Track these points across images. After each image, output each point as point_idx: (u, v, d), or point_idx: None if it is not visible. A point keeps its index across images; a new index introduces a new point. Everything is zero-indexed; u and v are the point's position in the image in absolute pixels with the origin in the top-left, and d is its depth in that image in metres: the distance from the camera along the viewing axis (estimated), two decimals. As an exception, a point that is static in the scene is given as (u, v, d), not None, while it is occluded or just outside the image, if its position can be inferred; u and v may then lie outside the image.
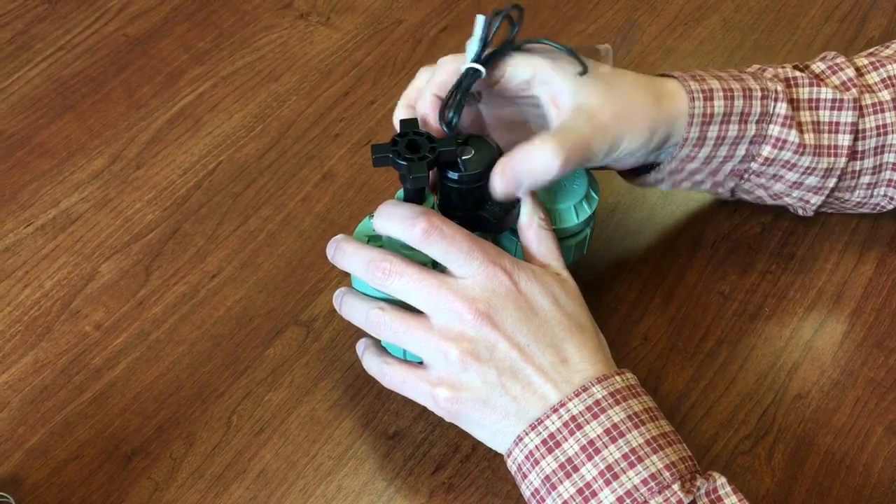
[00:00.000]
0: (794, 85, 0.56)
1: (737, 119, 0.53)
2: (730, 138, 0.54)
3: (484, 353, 0.45)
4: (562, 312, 0.47)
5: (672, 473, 0.43)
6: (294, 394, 0.55)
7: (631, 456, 0.43)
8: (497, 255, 0.47)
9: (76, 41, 0.75)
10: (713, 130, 0.53)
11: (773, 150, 0.55)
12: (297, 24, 0.77)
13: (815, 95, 0.55)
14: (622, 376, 0.46)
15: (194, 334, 0.58)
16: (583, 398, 0.45)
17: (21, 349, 0.57)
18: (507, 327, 0.45)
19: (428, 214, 0.46)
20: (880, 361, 0.57)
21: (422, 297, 0.46)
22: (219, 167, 0.67)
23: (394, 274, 0.46)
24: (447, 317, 0.46)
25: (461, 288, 0.46)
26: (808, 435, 0.54)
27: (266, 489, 0.51)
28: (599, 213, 0.65)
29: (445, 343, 0.46)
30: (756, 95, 0.53)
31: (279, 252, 0.62)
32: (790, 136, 0.54)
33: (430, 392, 0.47)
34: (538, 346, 0.46)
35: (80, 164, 0.66)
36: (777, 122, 0.54)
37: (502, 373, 0.45)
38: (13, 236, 0.62)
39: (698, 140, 0.53)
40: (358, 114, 0.70)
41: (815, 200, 0.58)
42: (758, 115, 0.54)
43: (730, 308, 0.60)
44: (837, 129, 0.55)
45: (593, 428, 0.44)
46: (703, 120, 0.52)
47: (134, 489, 0.51)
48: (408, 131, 0.48)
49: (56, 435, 0.53)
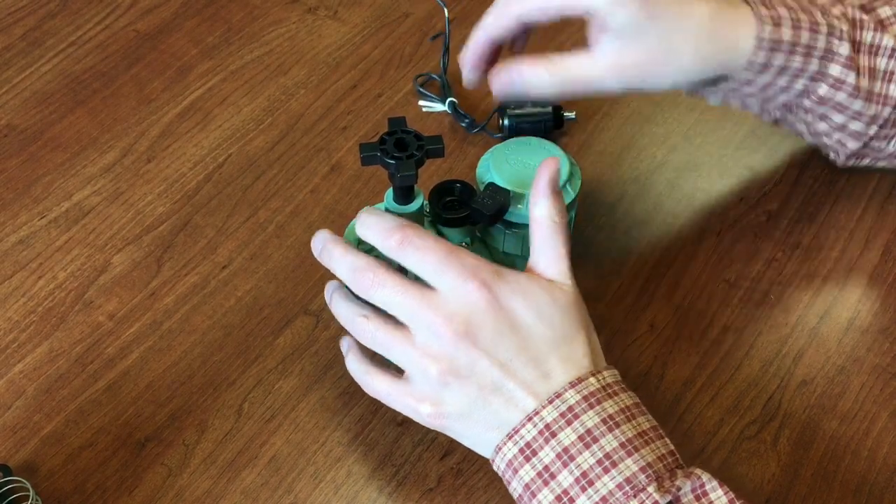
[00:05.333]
0: (858, 27, 0.55)
1: (802, 51, 0.53)
2: (792, 69, 0.54)
3: (464, 369, 0.45)
4: (546, 325, 0.45)
5: (647, 475, 0.43)
6: (304, 382, 0.56)
7: (605, 461, 0.43)
8: (475, 267, 0.45)
9: (87, 37, 0.75)
10: (779, 58, 0.53)
11: (830, 89, 0.55)
12: (306, 18, 0.78)
13: (877, 42, 0.55)
14: (598, 376, 0.45)
15: (206, 324, 0.58)
16: (556, 405, 0.44)
17: (36, 339, 0.57)
18: (487, 344, 0.45)
19: (403, 227, 0.46)
20: (885, 348, 0.58)
21: (403, 310, 0.46)
22: (228, 160, 0.67)
23: (377, 285, 0.46)
24: (427, 333, 0.45)
25: (441, 303, 0.45)
26: (813, 420, 0.55)
27: (277, 475, 0.52)
28: (606, 203, 0.65)
29: (426, 359, 0.45)
30: (822, 31, 0.53)
31: (288, 243, 0.63)
32: (848, 78, 0.54)
33: (414, 406, 0.47)
34: (520, 361, 0.45)
35: (91, 157, 0.67)
36: (839, 61, 0.54)
37: (483, 388, 0.45)
38: (27, 229, 0.63)
39: (762, 66, 0.53)
40: (365, 106, 0.71)
41: (853, 146, 0.58)
42: (822, 52, 0.54)
43: (735, 295, 0.60)
44: (892, 78, 0.55)
45: (567, 435, 0.43)
46: (770, 46, 0.52)
47: (147, 475, 0.52)
48: (396, 129, 0.48)
49: (71, 423, 0.54)
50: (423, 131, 0.49)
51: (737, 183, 0.66)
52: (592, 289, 0.60)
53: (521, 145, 0.55)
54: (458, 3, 0.79)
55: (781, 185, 0.66)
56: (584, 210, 0.64)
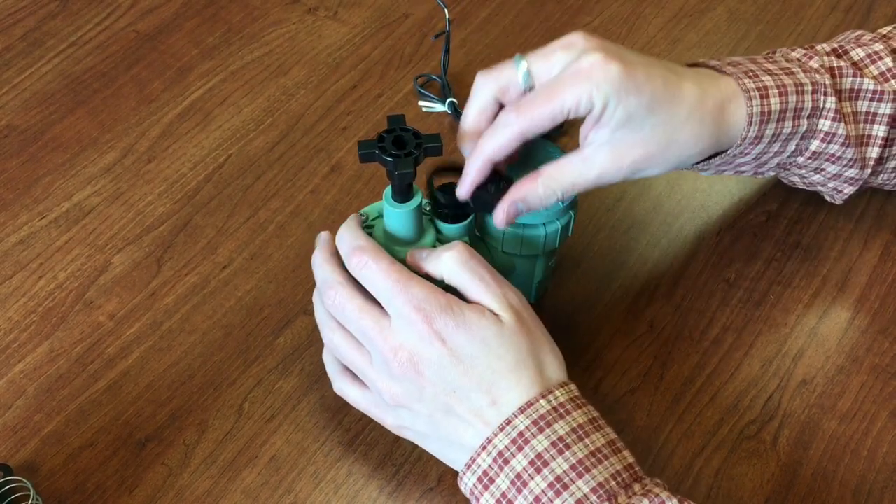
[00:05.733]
0: (837, 75, 0.55)
1: (791, 115, 0.53)
2: (784, 134, 0.54)
3: (413, 395, 0.47)
4: (492, 356, 0.46)
5: (599, 496, 0.42)
6: (304, 381, 0.56)
7: (556, 484, 0.43)
8: (423, 300, 0.45)
9: (88, 37, 0.76)
10: (770, 128, 0.53)
11: (822, 143, 0.55)
12: (306, 19, 0.78)
13: (857, 86, 0.55)
14: (548, 397, 0.45)
15: (206, 324, 0.58)
16: (507, 432, 0.44)
17: (36, 339, 0.58)
18: (432, 375, 0.46)
19: (363, 249, 0.47)
20: (885, 347, 0.58)
21: (359, 334, 0.48)
22: (228, 160, 0.67)
23: (337, 305, 0.48)
24: (379, 358, 0.47)
25: (391, 333, 0.46)
26: (812, 420, 0.55)
27: (277, 474, 0.52)
28: (606, 203, 0.65)
29: (380, 384, 0.48)
30: (807, 90, 0.53)
31: (288, 243, 0.63)
32: (839, 130, 0.54)
33: (380, 417, 0.50)
34: (465, 390, 0.46)
35: (92, 157, 0.67)
36: (827, 116, 0.54)
37: (434, 412, 0.47)
38: (27, 229, 0.63)
39: (755, 139, 0.53)
40: (365, 107, 0.71)
41: (849, 190, 0.59)
42: (809, 111, 0.54)
43: (735, 295, 0.60)
44: (874, 119, 0.56)
45: (519, 461, 0.44)
46: (761, 119, 0.52)
47: (148, 475, 0.52)
48: (395, 127, 0.48)
49: (71, 422, 0.54)
50: (423, 131, 0.49)
51: (736, 183, 0.66)
52: (592, 289, 0.61)
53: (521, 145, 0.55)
54: (459, 4, 0.79)
55: (781, 185, 0.66)
56: (585, 210, 0.65)
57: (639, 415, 0.55)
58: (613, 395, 0.56)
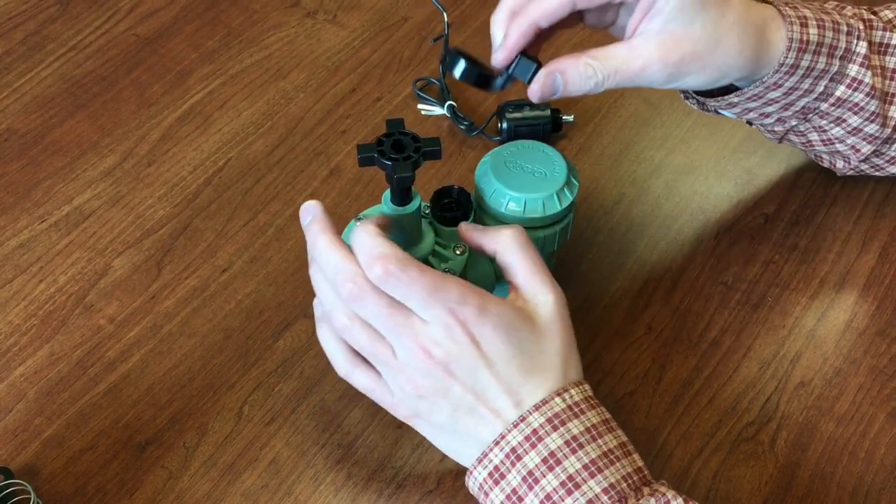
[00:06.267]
0: (869, 27, 0.56)
1: (826, 51, 0.53)
2: (817, 70, 0.54)
3: (439, 392, 0.46)
4: (525, 357, 0.45)
5: (610, 496, 0.43)
6: (304, 384, 0.56)
7: (568, 483, 0.43)
8: (460, 301, 0.44)
9: (87, 41, 0.76)
10: (806, 59, 0.53)
11: (848, 90, 0.55)
12: (305, 23, 0.78)
13: (887, 40, 0.56)
14: (563, 395, 0.45)
15: (206, 327, 0.59)
16: (521, 428, 0.44)
17: (37, 342, 0.58)
18: (462, 375, 0.45)
19: (386, 258, 0.44)
20: (882, 349, 0.58)
21: (385, 329, 0.46)
22: (228, 164, 0.68)
23: (356, 298, 0.45)
24: (407, 355, 0.45)
25: (423, 332, 0.45)
26: (810, 422, 0.55)
27: (277, 477, 0.52)
28: (605, 206, 0.65)
29: (402, 376, 0.46)
30: (843, 30, 0.54)
31: (288, 246, 0.63)
32: (866, 78, 0.55)
33: (392, 405, 0.48)
34: (492, 392, 0.45)
35: (92, 161, 0.67)
36: (856, 61, 0.54)
37: (457, 409, 0.46)
38: (28, 233, 0.63)
39: (791, 67, 0.53)
40: (364, 110, 0.71)
41: (866, 150, 0.58)
42: (842, 51, 0.54)
43: (733, 298, 0.60)
44: None
45: (532, 458, 0.44)
46: (799, 46, 0.52)
47: (148, 478, 0.52)
48: (393, 131, 0.48)
49: (72, 426, 0.54)
50: (422, 134, 0.50)
51: (734, 186, 0.67)
52: (591, 291, 0.61)
53: (519, 148, 0.55)
54: (457, 7, 0.79)
55: (778, 187, 0.66)
56: (583, 212, 0.65)
57: (637, 417, 0.55)
58: (612, 398, 0.56)
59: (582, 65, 0.49)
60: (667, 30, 0.49)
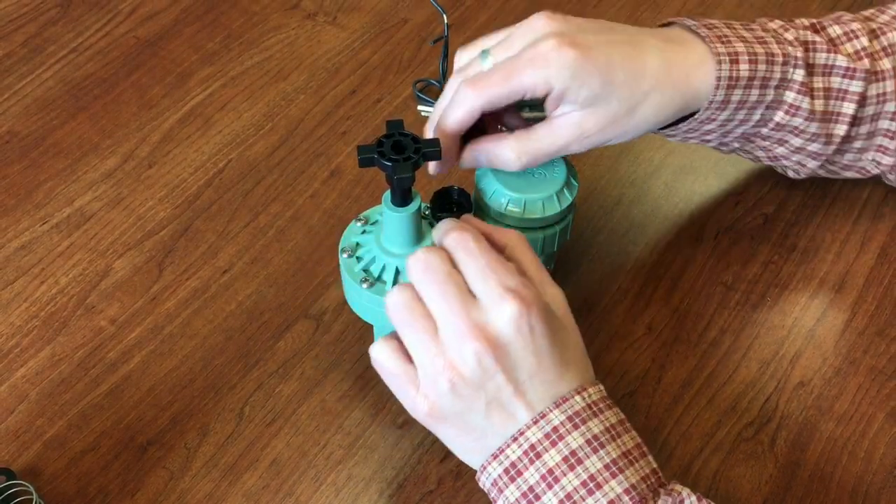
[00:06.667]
0: (811, 49, 0.56)
1: (759, 83, 0.53)
2: (750, 102, 0.54)
3: (477, 381, 0.44)
4: (559, 347, 0.45)
5: (632, 497, 0.43)
6: (304, 385, 0.56)
7: (590, 483, 0.43)
8: (519, 284, 0.44)
9: (88, 43, 0.76)
10: (737, 94, 0.53)
11: (786, 116, 0.55)
12: (305, 24, 0.78)
13: (830, 62, 0.56)
14: (583, 394, 0.45)
15: (207, 328, 0.59)
16: (541, 425, 0.44)
17: (38, 344, 0.58)
18: (509, 363, 0.44)
19: (462, 228, 0.46)
20: (882, 349, 0.58)
21: (437, 306, 0.44)
22: (229, 165, 0.68)
23: (423, 272, 0.45)
24: (453, 336, 0.44)
25: (476, 312, 0.44)
26: (810, 422, 0.55)
27: (278, 478, 0.53)
28: (605, 207, 0.66)
29: (440, 360, 0.44)
30: (778, 61, 0.54)
31: (289, 248, 0.63)
32: (803, 104, 0.55)
33: (414, 398, 0.46)
34: (532, 382, 0.44)
35: (93, 163, 0.68)
36: (793, 88, 0.55)
37: (490, 402, 0.44)
38: (29, 234, 0.63)
39: (721, 103, 0.53)
40: (365, 111, 0.72)
41: (812, 165, 0.59)
42: (777, 81, 0.54)
43: (732, 298, 0.61)
44: (845, 97, 0.56)
45: (552, 456, 0.43)
46: (728, 83, 0.52)
47: (149, 478, 0.52)
48: (393, 132, 0.49)
49: (73, 426, 0.54)
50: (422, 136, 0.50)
51: (733, 186, 0.67)
52: (590, 291, 0.61)
53: None
54: (457, 9, 0.79)
55: (778, 188, 0.66)
56: (583, 213, 0.65)
57: (637, 417, 0.55)
58: (612, 398, 0.55)
59: (508, 149, 0.51)
60: (581, 112, 0.50)
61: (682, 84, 0.52)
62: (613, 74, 0.50)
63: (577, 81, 0.49)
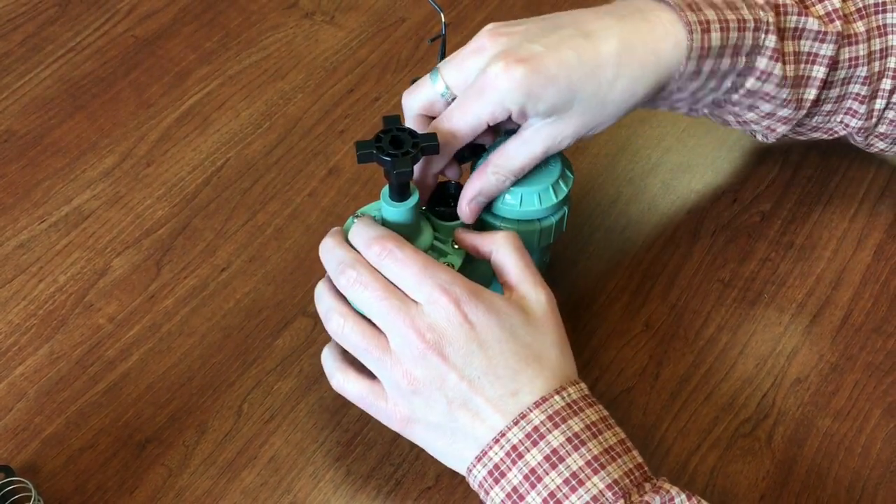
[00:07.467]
0: (782, 13, 0.54)
1: (730, 52, 0.52)
2: (721, 71, 0.53)
3: (434, 382, 0.45)
4: (518, 344, 0.46)
5: (614, 492, 0.43)
6: (303, 382, 0.56)
7: (572, 480, 0.43)
8: (451, 283, 0.46)
9: (86, 42, 0.76)
10: (708, 63, 0.52)
11: (757, 82, 0.54)
12: (303, 23, 0.78)
13: (801, 25, 0.54)
14: (562, 394, 0.45)
15: (205, 326, 0.59)
16: (522, 426, 0.44)
17: (37, 342, 0.58)
18: (457, 360, 0.45)
19: (385, 238, 0.47)
20: (878, 345, 0.58)
21: (380, 316, 0.46)
22: (227, 164, 0.68)
23: (358, 284, 0.47)
24: (401, 342, 0.46)
25: (417, 315, 0.45)
26: (807, 418, 0.55)
27: (276, 475, 0.53)
28: (602, 205, 0.66)
29: (397, 368, 0.46)
30: (749, 27, 0.52)
31: (287, 246, 0.63)
32: (775, 70, 0.54)
33: (385, 411, 0.48)
34: (488, 379, 0.45)
35: (91, 162, 0.68)
36: (765, 54, 0.53)
37: (452, 402, 0.46)
38: (27, 233, 0.63)
39: (692, 73, 0.52)
40: (362, 110, 0.72)
41: (782, 129, 0.58)
42: (749, 48, 0.53)
43: (730, 295, 0.61)
44: (815, 60, 0.55)
45: (534, 456, 0.44)
46: (700, 54, 0.51)
47: (148, 476, 0.52)
48: (391, 127, 0.49)
49: (72, 424, 0.54)
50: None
51: (730, 184, 0.67)
52: (588, 289, 0.61)
53: None
54: (455, 8, 0.79)
55: (775, 185, 0.67)
56: (580, 211, 0.65)
57: (635, 414, 0.55)
58: (609, 395, 0.56)
59: (491, 176, 0.51)
60: (548, 121, 0.50)
61: (651, 61, 0.50)
62: (570, 77, 0.48)
63: (532, 98, 0.48)
